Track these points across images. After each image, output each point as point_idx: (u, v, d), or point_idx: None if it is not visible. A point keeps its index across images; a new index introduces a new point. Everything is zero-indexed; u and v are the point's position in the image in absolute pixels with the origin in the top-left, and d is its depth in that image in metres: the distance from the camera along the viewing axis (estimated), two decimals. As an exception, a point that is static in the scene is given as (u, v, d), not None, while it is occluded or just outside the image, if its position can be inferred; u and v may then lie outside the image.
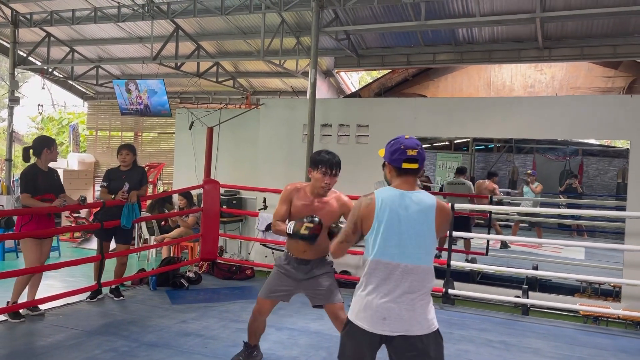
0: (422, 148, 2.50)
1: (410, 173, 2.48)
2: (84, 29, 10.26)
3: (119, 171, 5.56)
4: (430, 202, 2.45)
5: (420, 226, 2.41)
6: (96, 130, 14.28)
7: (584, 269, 7.47)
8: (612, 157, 13.62)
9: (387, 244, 2.41)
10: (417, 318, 2.39)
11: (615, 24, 7.48)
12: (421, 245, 2.42)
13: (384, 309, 2.38)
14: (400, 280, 2.39)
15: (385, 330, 2.39)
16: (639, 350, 4.68)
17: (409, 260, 2.39)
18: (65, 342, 4.22)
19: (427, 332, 2.40)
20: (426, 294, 2.44)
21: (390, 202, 2.43)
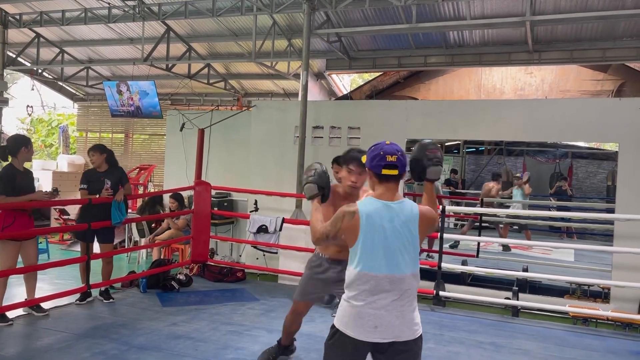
0: (402, 154, 2.47)
1: (391, 179, 2.46)
2: (74, 29, 10.20)
3: (96, 172, 5.49)
4: (414, 212, 2.46)
5: (405, 237, 2.42)
6: (86, 131, 14.20)
7: (573, 271, 7.52)
8: (601, 159, 13.75)
9: (373, 256, 2.40)
10: (406, 324, 2.42)
11: (604, 28, 7.56)
12: (408, 254, 2.43)
13: (375, 317, 2.39)
14: (389, 290, 2.40)
15: (376, 338, 2.39)
16: (627, 351, 4.72)
17: (396, 271, 2.40)
18: (55, 345, 4.18)
19: (415, 337, 2.44)
20: (413, 298, 2.47)
21: (375, 216, 2.41)
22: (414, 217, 2.44)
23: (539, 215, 9.91)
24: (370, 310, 2.39)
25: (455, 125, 7.14)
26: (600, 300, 6.45)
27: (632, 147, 6.25)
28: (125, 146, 13.57)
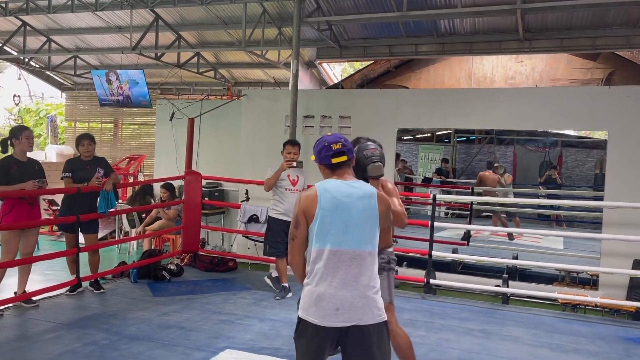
0: (346, 140, 2.56)
1: (343, 166, 2.54)
2: (61, 18, 10.05)
3: (81, 161, 5.43)
4: (372, 191, 2.50)
5: (364, 212, 2.42)
6: (75, 121, 14.06)
7: (562, 258, 7.60)
8: (590, 148, 13.84)
9: (332, 231, 2.38)
10: (369, 306, 2.36)
11: (594, 16, 7.57)
12: (366, 231, 2.42)
13: (337, 298, 2.33)
14: (349, 267, 2.36)
15: (338, 321, 2.32)
16: (615, 337, 4.78)
17: (355, 246, 2.38)
18: (45, 336, 4.16)
19: (378, 322, 2.37)
20: (375, 280, 2.42)
21: (333, 190, 2.44)
22: (372, 195, 2.46)
23: (529, 204, 9.98)
24: (330, 290, 2.34)
25: (446, 114, 7.14)
26: (589, 287, 6.53)
27: (621, 135, 6.29)
28: (115, 136, 13.46)
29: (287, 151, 5.64)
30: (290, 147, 5.66)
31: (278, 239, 5.56)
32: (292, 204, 5.50)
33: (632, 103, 6.25)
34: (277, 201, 5.65)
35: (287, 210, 5.54)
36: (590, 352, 4.34)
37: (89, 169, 5.34)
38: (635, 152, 6.19)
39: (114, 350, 3.91)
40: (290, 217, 5.52)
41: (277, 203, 5.65)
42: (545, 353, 4.28)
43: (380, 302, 2.41)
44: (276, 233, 5.59)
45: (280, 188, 5.62)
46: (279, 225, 5.57)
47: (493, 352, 4.24)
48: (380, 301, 2.41)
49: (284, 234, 5.47)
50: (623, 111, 6.28)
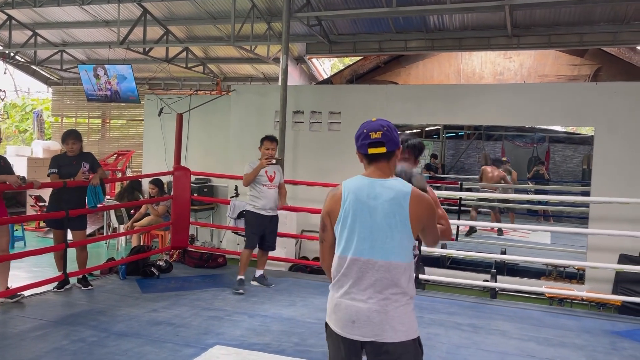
0: (389, 129, 2.20)
1: (380, 158, 2.19)
2: (47, 11, 9.92)
3: (67, 157, 5.39)
4: (405, 190, 2.14)
5: (392, 218, 2.12)
6: (62, 117, 13.91)
7: (549, 253, 7.68)
8: (577, 143, 13.98)
9: (355, 237, 2.16)
10: (389, 322, 2.10)
11: (582, 13, 7.63)
12: (393, 239, 2.12)
13: (353, 310, 2.13)
14: (369, 278, 2.12)
15: (355, 334, 2.13)
16: (602, 330, 4.84)
17: (379, 256, 2.12)
18: (32, 333, 4.12)
19: (403, 340, 2.11)
20: (401, 295, 2.13)
21: (358, 192, 2.17)
22: (405, 196, 2.12)
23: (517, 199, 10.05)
24: (347, 301, 2.15)
25: (435, 109, 7.17)
26: (576, 281, 6.60)
27: (607, 131, 6.36)
28: (103, 132, 13.34)
29: (265, 147, 5.63)
30: (268, 143, 5.65)
31: (254, 230, 5.63)
32: (269, 200, 5.62)
33: (618, 99, 6.32)
34: (255, 197, 5.64)
35: (265, 205, 5.61)
36: (577, 345, 4.39)
37: (75, 165, 5.29)
38: (621, 148, 6.26)
39: (102, 347, 3.89)
40: (267, 213, 5.62)
41: (254, 199, 5.65)
42: (532, 347, 4.32)
43: (407, 318, 2.13)
44: (252, 225, 5.65)
45: (258, 184, 5.61)
46: (256, 218, 5.62)
47: (481, 346, 4.28)
48: (409, 318, 2.14)
49: (259, 226, 5.63)
50: (610, 107, 6.34)
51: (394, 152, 2.22)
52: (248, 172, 5.57)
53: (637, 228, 5.77)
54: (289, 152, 7.48)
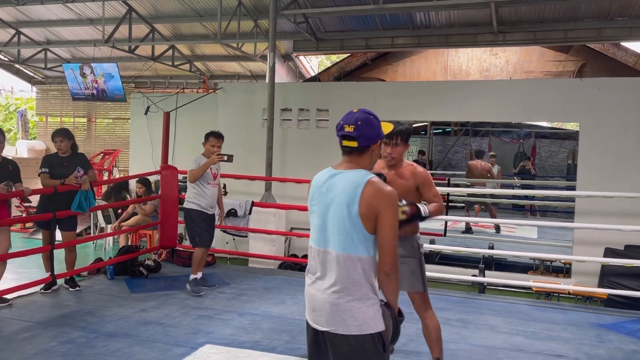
0: (364, 123, 2.14)
1: (352, 152, 2.17)
2: (30, 9, 9.79)
3: (58, 157, 5.31)
4: (359, 182, 2.08)
5: (344, 209, 2.08)
6: (46, 116, 13.76)
7: (536, 247, 7.76)
8: (563, 139, 14.12)
9: (314, 228, 2.19)
10: (340, 315, 2.08)
11: (566, 10, 7.70)
12: (344, 230, 2.08)
13: (313, 299, 2.16)
14: (327, 269, 2.12)
15: (315, 322, 2.15)
16: (588, 323, 4.90)
17: (333, 247, 2.11)
18: (19, 335, 4.08)
19: (356, 334, 2.07)
20: (355, 288, 2.08)
21: (318, 183, 2.20)
22: (357, 187, 2.08)
23: (504, 194, 10.15)
24: (310, 289, 2.19)
25: (423, 106, 7.21)
26: (562, 275, 6.68)
27: (592, 126, 6.44)
28: (88, 131, 13.21)
29: (211, 144, 5.44)
30: (214, 140, 5.47)
31: (203, 227, 5.40)
32: (213, 198, 5.45)
33: (603, 95, 6.39)
34: (199, 195, 5.40)
35: (209, 204, 5.42)
36: (564, 338, 4.45)
37: (67, 166, 5.23)
38: (606, 143, 6.34)
39: (91, 348, 3.86)
40: (210, 211, 5.46)
41: (198, 197, 5.40)
42: (520, 340, 4.37)
43: (361, 313, 2.08)
44: (199, 223, 5.40)
45: (203, 182, 5.40)
46: (200, 216, 5.39)
47: (470, 341, 4.32)
48: (364, 313, 2.08)
49: (207, 224, 5.43)
50: (594, 103, 6.42)
51: (368, 147, 2.18)
52: (194, 168, 5.32)
53: (622, 222, 5.85)
54: (277, 150, 7.47)
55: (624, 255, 6.00)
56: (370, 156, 2.20)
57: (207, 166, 5.34)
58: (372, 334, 2.08)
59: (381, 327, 2.10)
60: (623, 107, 6.31)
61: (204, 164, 5.32)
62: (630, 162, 6.23)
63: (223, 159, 5.38)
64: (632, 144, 6.25)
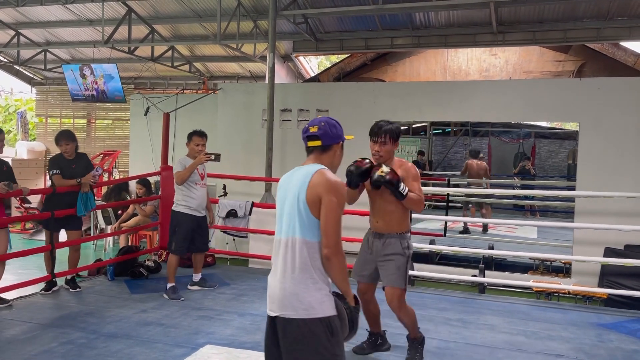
0: (327, 125, 2.37)
1: (315, 150, 2.38)
2: (30, 11, 9.79)
3: (65, 159, 5.32)
4: (310, 171, 2.28)
5: (296, 197, 2.26)
6: (46, 117, 13.75)
7: (536, 247, 7.76)
8: (562, 139, 14.12)
9: (277, 219, 2.38)
10: (288, 299, 2.19)
11: (566, 9, 7.70)
12: (294, 217, 2.25)
13: (269, 286, 2.31)
14: (279, 255, 2.28)
15: (270, 309, 2.28)
16: (588, 323, 4.90)
17: (285, 234, 2.28)
18: (20, 336, 4.08)
19: (304, 317, 2.16)
20: (301, 272, 2.20)
21: (282, 180, 2.42)
22: (307, 176, 2.26)
23: (503, 194, 10.14)
24: (268, 278, 2.34)
25: (422, 106, 7.21)
26: (562, 274, 6.68)
27: (591, 126, 6.44)
28: (88, 132, 13.21)
29: (195, 143, 5.30)
30: (198, 139, 5.33)
31: (187, 236, 5.30)
32: (202, 199, 5.33)
33: (602, 94, 6.39)
34: (187, 196, 5.29)
35: (199, 205, 5.34)
36: (564, 338, 4.45)
37: (74, 168, 5.26)
38: (605, 143, 6.34)
39: (91, 349, 3.86)
40: (200, 213, 5.40)
41: (187, 198, 5.29)
42: (521, 340, 4.37)
43: (308, 297, 2.17)
44: (185, 230, 5.28)
45: (192, 183, 5.28)
46: (187, 222, 5.28)
47: (470, 341, 4.32)
48: (310, 296, 2.17)
49: (192, 231, 5.31)
50: (594, 103, 6.42)
51: (330, 147, 2.39)
52: (180, 170, 5.20)
53: (621, 221, 5.85)
54: (277, 150, 7.47)
55: (624, 255, 6.00)
56: (332, 156, 2.40)
57: (194, 167, 5.23)
58: (320, 318, 2.16)
59: (330, 312, 2.19)
60: (623, 107, 6.31)
61: (191, 164, 5.21)
62: (630, 161, 6.23)
63: (210, 158, 5.25)
64: (632, 144, 6.25)
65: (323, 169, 2.29)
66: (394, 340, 4.04)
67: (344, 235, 2.32)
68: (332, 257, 2.20)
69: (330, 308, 2.20)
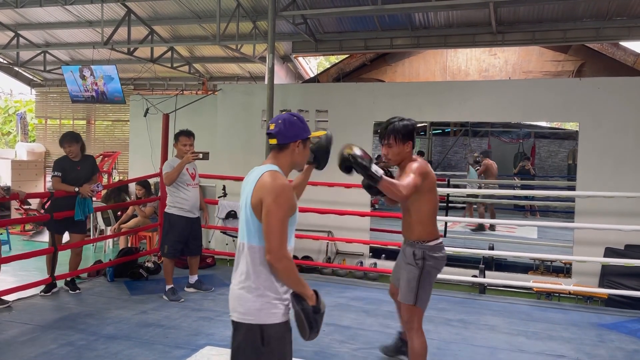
0: (284, 123, 2.28)
1: (273, 149, 2.33)
2: (29, 12, 9.78)
3: (70, 161, 5.30)
4: (259, 173, 2.23)
5: (246, 201, 2.24)
6: (45, 118, 13.74)
7: (537, 248, 7.75)
8: (562, 139, 14.12)
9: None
10: (233, 301, 2.25)
11: (565, 9, 7.70)
12: (245, 221, 2.24)
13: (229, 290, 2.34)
14: (235, 259, 2.31)
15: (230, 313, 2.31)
16: (588, 323, 4.90)
17: (241, 238, 2.27)
18: (19, 338, 4.07)
19: (242, 322, 2.20)
20: (245, 276, 2.21)
21: (244, 179, 2.36)
22: (254, 180, 2.22)
23: (504, 195, 10.14)
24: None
25: (422, 107, 7.20)
26: (563, 275, 6.67)
27: (591, 126, 6.43)
28: (88, 133, 13.19)
29: (182, 143, 5.27)
30: (185, 139, 5.29)
31: (180, 239, 5.27)
32: (194, 200, 5.30)
33: (602, 94, 6.39)
34: (179, 197, 5.27)
35: (192, 206, 5.30)
36: (565, 338, 4.44)
37: (80, 170, 5.25)
38: (605, 142, 6.33)
39: (91, 350, 3.86)
40: (193, 214, 5.40)
41: (180, 200, 5.27)
42: (521, 341, 4.37)
43: (247, 303, 2.18)
44: (178, 232, 5.25)
45: (182, 184, 5.25)
46: (181, 224, 5.25)
47: (471, 342, 4.31)
48: (249, 302, 2.18)
49: (186, 233, 5.27)
50: (593, 102, 6.41)
51: (287, 145, 2.30)
52: (169, 170, 5.17)
53: (622, 221, 5.85)
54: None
55: (624, 255, 6.00)
56: (290, 155, 2.31)
57: (182, 166, 5.17)
58: (256, 325, 2.16)
59: (267, 320, 2.15)
60: (622, 107, 6.31)
61: (179, 164, 5.16)
62: (630, 161, 6.23)
63: (198, 157, 5.18)
64: (631, 144, 6.24)
65: (272, 170, 2.23)
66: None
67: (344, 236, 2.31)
68: (274, 263, 2.14)
69: (269, 316, 2.16)
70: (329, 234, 7.24)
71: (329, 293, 5.60)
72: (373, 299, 5.47)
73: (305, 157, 2.40)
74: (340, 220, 6.86)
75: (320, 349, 4.03)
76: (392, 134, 3.22)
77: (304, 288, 2.22)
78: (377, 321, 4.77)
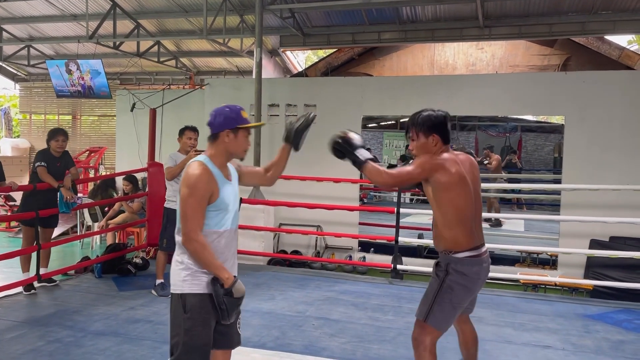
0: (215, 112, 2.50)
1: (208, 139, 2.57)
2: (12, 6, 9.64)
3: (52, 156, 5.27)
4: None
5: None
6: (30, 113, 13.58)
7: (523, 240, 7.83)
8: (548, 132, 14.25)
9: None
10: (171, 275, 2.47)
11: (551, 4, 7.75)
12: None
13: None
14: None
15: None
16: (574, 314, 4.96)
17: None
18: (5, 335, 4.03)
19: (172, 292, 2.43)
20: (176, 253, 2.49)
21: None
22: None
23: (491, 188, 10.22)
24: None
25: (410, 101, 7.22)
26: (549, 267, 6.75)
27: (577, 120, 6.50)
28: (73, 128, 13.06)
29: (187, 137, 5.23)
30: (191, 133, 5.25)
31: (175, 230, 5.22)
32: None
33: (587, 88, 6.45)
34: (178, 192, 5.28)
35: None
36: (551, 329, 4.50)
37: (59, 167, 5.23)
38: (590, 136, 6.40)
39: (79, 347, 3.83)
40: None
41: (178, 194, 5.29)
42: (508, 332, 4.41)
43: (175, 275, 2.42)
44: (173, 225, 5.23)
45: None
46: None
47: (459, 334, 4.34)
48: (175, 274, 2.41)
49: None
50: (579, 96, 6.48)
51: (218, 135, 2.48)
52: (172, 165, 5.12)
53: (607, 214, 5.92)
54: (265, 146, 7.45)
55: (609, 247, 6.08)
56: (222, 143, 2.49)
57: (185, 163, 4.99)
58: (178, 294, 2.38)
59: (186, 290, 2.36)
60: (607, 100, 6.38)
61: (182, 161, 5.10)
62: (615, 154, 6.30)
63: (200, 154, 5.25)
64: (616, 137, 6.32)
65: (195, 161, 2.48)
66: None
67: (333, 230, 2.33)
68: (185, 244, 2.39)
69: (189, 286, 2.36)
70: (318, 228, 7.25)
71: (318, 287, 5.61)
72: (362, 292, 5.49)
73: (242, 145, 2.55)
74: (329, 215, 6.88)
75: (310, 342, 4.04)
76: (412, 126, 2.96)
77: (217, 270, 2.35)
78: (366, 314, 4.79)
